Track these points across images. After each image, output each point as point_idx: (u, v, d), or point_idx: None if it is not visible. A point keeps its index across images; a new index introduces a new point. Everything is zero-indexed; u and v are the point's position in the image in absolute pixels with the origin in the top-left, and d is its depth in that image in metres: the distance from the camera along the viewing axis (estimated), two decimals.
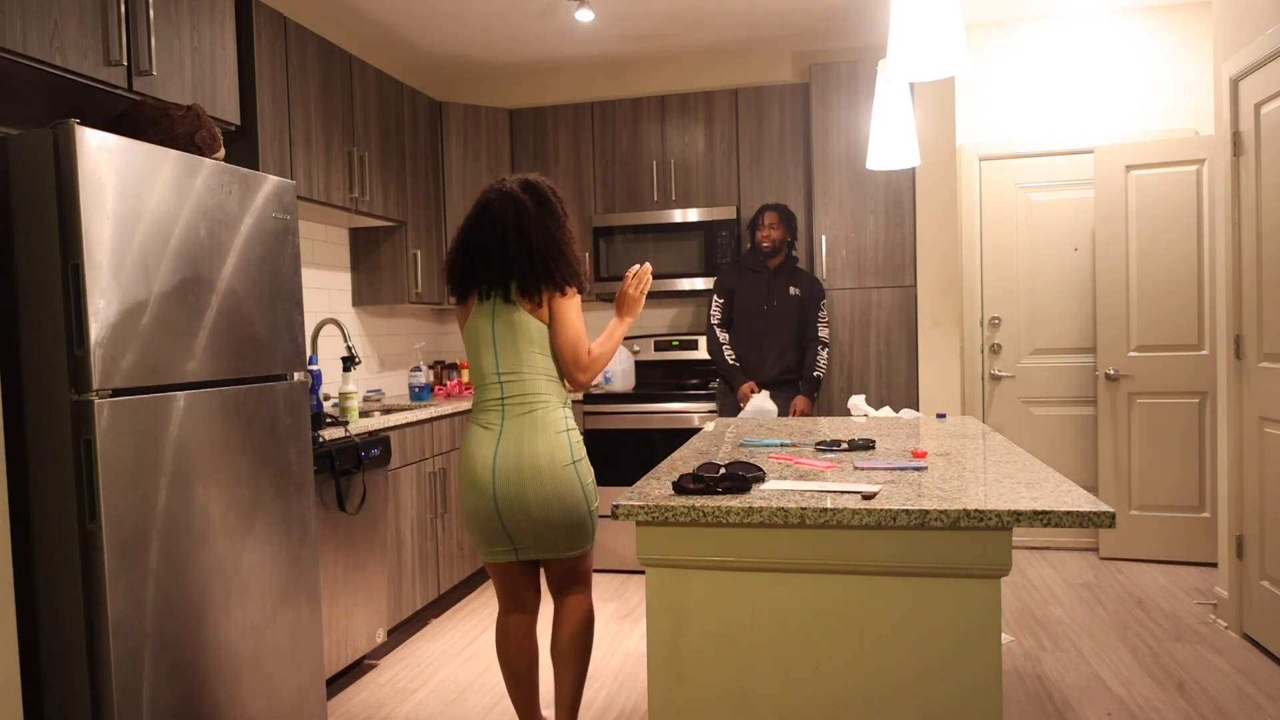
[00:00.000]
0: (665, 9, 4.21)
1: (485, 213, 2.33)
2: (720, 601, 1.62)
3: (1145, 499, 4.40)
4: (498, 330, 2.30)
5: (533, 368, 2.28)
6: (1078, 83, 4.57)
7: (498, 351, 2.30)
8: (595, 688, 3.08)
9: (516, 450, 2.23)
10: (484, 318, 2.32)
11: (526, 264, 2.26)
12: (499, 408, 2.28)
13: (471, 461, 2.28)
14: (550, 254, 2.28)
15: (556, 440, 2.25)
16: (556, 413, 2.29)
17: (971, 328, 4.77)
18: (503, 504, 2.24)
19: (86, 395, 1.93)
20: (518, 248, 2.27)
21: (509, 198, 2.32)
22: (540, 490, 2.22)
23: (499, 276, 2.29)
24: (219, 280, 2.31)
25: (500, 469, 2.23)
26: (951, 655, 1.54)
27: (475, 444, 2.29)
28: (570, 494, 2.25)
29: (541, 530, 2.25)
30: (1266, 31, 3.11)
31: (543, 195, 2.35)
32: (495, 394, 2.29)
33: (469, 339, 2.36)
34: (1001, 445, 2.28)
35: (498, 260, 2.29)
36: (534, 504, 2.22)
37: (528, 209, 2.30)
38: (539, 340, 2.29)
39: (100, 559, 1.94)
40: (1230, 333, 3.42)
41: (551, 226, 2.32)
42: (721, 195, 4.67)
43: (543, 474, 2.22)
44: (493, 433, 2.27)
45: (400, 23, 4.30)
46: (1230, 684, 2.92)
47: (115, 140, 2.00)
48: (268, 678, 2.44)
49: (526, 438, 2.24)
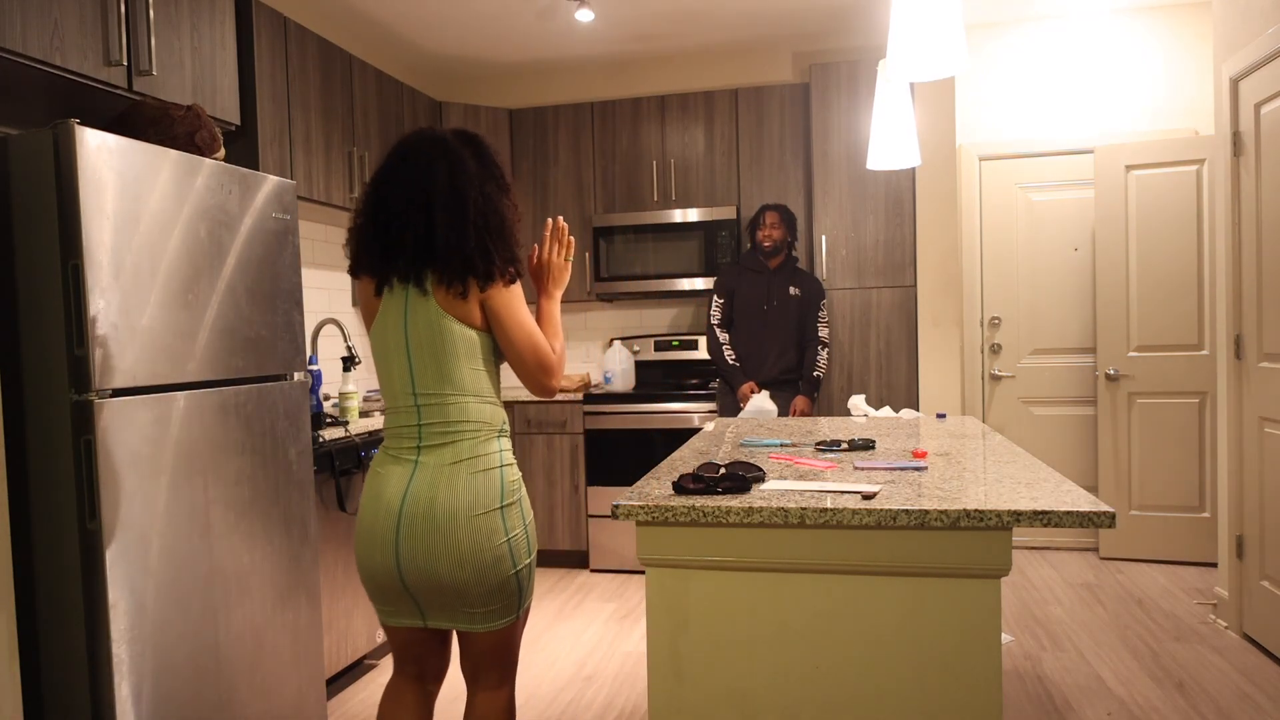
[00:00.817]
0: (665, 9, 4.21)
1: (405, 164, 1.75)
2: (720, 601, 1.62)
3: (1145, 499, 4.40)
4: (412, 334, 1.72)
5: (459, 387, 1.73)
6: (1077, 83, 4.57)
7: (413, 364, 1.73)
8: (595, 688, 3.09)
9: (430, 493, 1.70)
10: (393, 314, 1.75)
11: (456, 242, 1.68)
12: (414, 439, 1.73)
13: (373, 503, 1.75)
14: (490, 230, 1.72)
15: (484, 481, 1.72)
16: (489, 445, 1.75)
17: (971, 328, 4.77)
18: (406, 561, 1.71)
19: (86, 395, 1.93)
20: (448, 218, 1.69)
21: (441, 147, 1.74)
22: (453, 544, 1.69)
23: (414, 257, 1.71)
24: (219, 280, 2.31)
25: (408, 515, 1.70)
26: (951, 655, 1.54)
27: (381, 480, 1.75)
28: (490, 549, 1.71)
29: (453, 596, 1.73)
30: (1266, 31, 3.11)
31: (484, 152, 1.81)
32: (409, 420, 1.74)
33: (375, 341, 1.79)
34: (1001, 445, 2.28)
35: (416, 234, 1.70)
36: (445, 562, 1.69)
37: (465, 166, 1.74)
38: (467, 350, 1.73)
39: (100, 559, 1.94)
40: (1230, 333, 3.42)
41: (493, 193, 1.77)
42: (721, 195, 4.67)
43: (459, 523, 1.69)
44: (404, 468, 1.73)
45: (400, 23, 4.30)
46: (1230, 684, 2.92)
47: (115, 140, 2.00)
48: (268, 678, 2.44)
49: (445, 477, 1.70)
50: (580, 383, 4.73)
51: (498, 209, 1.75)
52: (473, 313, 1.73)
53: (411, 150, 1.76)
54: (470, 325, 1.73)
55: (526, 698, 3.02)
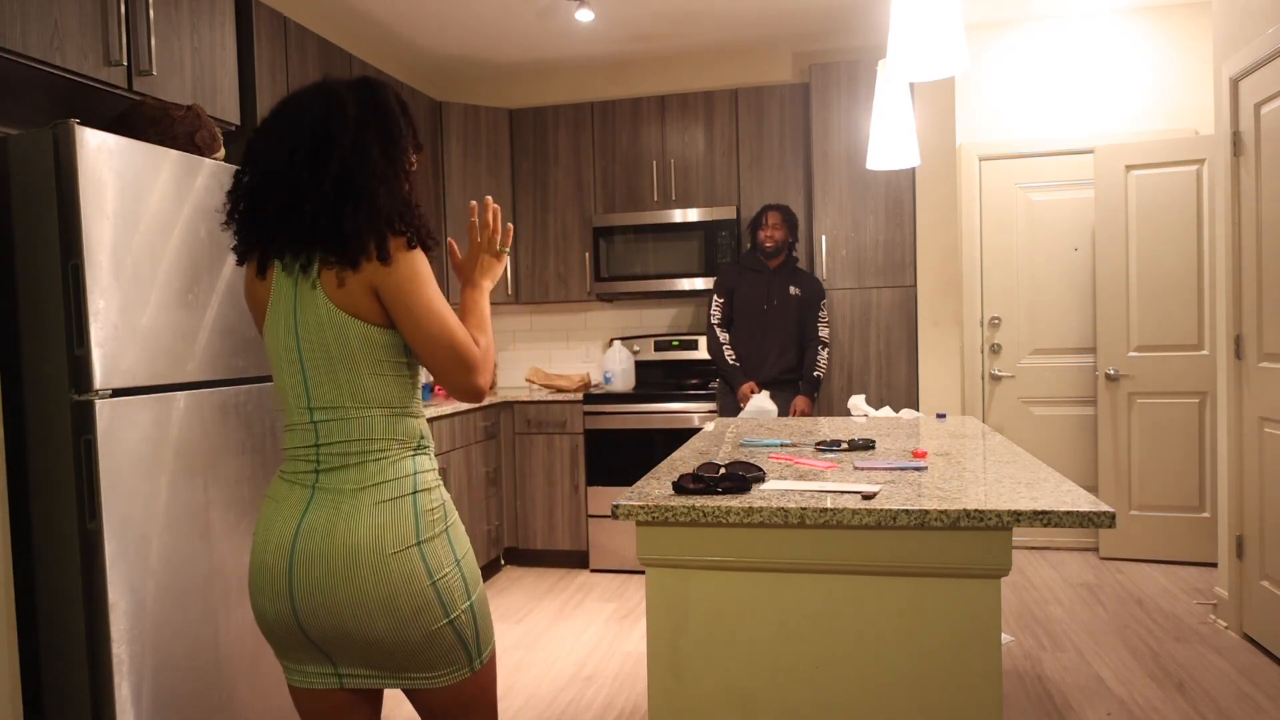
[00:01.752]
0: (665, 9, 4.21)
1: (281, 116, 1.44)
2: (720, 601, 1.62)
3: (1145, 499, 4.39)
4: (303, 336, 1.40)
5: (362, 399, 1.41)
6: (1078, 83, 4.57)
7: (306, 372, 1.41)
8: (595, 688, 3.08)
9: (329, 525, 1.37)
10: (284, 303, 1.42)
11: (310, 201, 1.36)
12: (311, 461, 1.42)
13: (263, 535, 1.43)
14: (358, 187, 1.37)
15: (393, 511, 1.38)
16: (400, 465, 1.42)
17: (971, 328, 4.77)
18: (304, 610, 1.38)
19: (86, 395, 1.93)
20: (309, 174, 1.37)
21: (323, 95, 1.43)
22: (358, 592, 1.36)
23: (294, 230, 1.38)
24: (219, 280, 2.31)
25: (301, 553, 1.37)
26: (951, 655, 1.54)
27: (272, 510, 1.43)
28: (408, 596, 1.37)
29: (366, 647, 1.39)
30: (1266, 31, 3.11)
31: (379, 98, 1.46)
32: (305, 439, 1.42)
33: (268, 338, 1.47)
34: (1001, 445, 2.28)
35: (290, 199, 1.38)
36: (351, 614, 1.36)
37: (343, 111, 1.40)
38: (368, 353, 1.40)
39: (100, 559, 1.94)
40: (1230, 333, 3.42)
41: (372, 141, 1.41)
42: (721, 195, 4.67)
43: (361, 564, 1.35)
44: (300, 494, 1.41)
45: (400, 23, 4.30)
46: (1230, 684, 2.92)
47: (115, 140, 2.00)
48: (268, 678, 2.44)
49: (347, 507, 1.38)
50: (580, 383, 4.73)
51: (370, 161, 1.39)
52: (368, 305, 1.38)
53: (288, 100, 1.46)
54: (370, 321, 1.38)
55: (526, 698, 3.02)
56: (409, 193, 1.46)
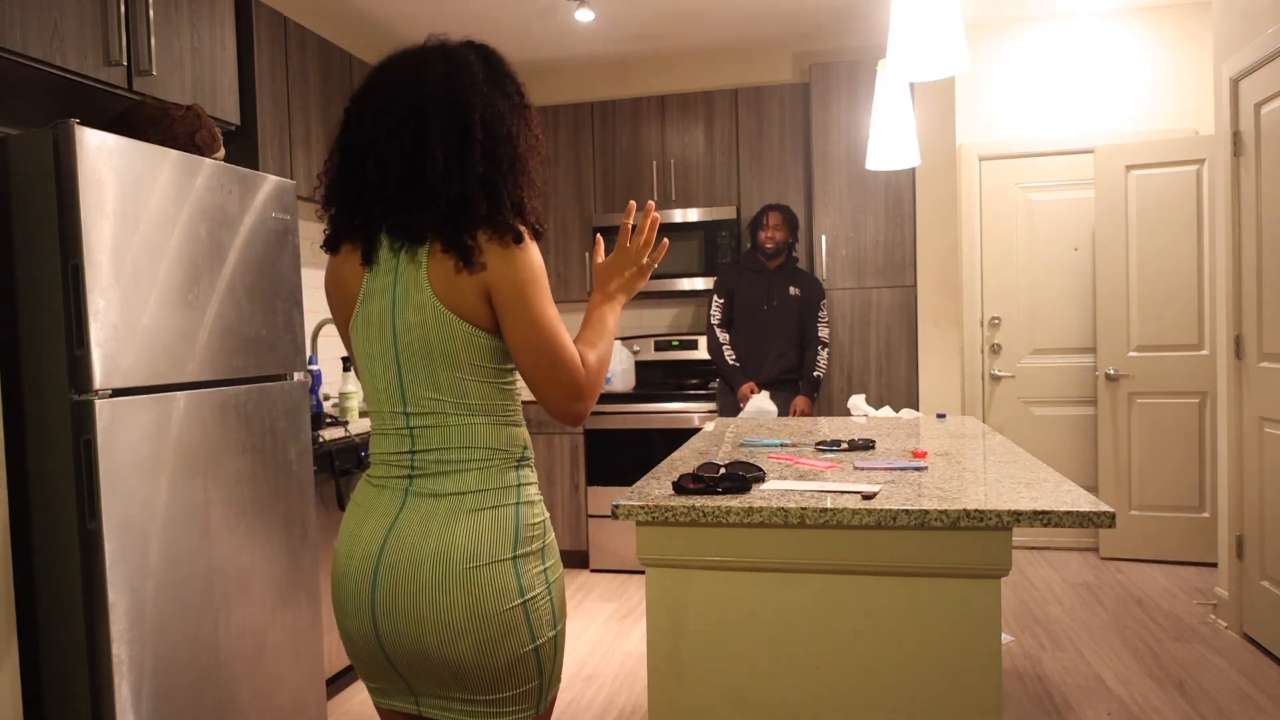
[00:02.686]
0: (665, 9, 4.21)
1: (388, 76, 1.28)
2: (720, 601, 1.62)
3: (1145, 499, 4.39)
4: (401, 330, 1.27)
5: (465, 404, 1.29)
6: (1078, 83, 4.57)
7: (402, 371, 1.29)
8: (595, 688, 3.08)
9: (422, 534, 1.26)
10: (377, 301, 1.29)
11: (449, 174, 1.22)
12: (405, 468, 1.31)
13: (348, 545, 1.32)
14: (501, 163, 1.25)
15: (492, 520, 1.27)
16: (504, 475, 1.30)
17: (971, 328, 4.77)
18: (385, 627, 1.27)
19: (86, 395, 1.93)
20: (444, 140, 1.22)
21: (439, 51, 1.29)
22: (445, 607, 1.24)
23: (401, 206, 1.24)
24: (219, 280, 2.31)
25: (388, 564, 1.26)
26: (951, 655, 1.54)
27: (360, 515, 1.32)
28: (498, 614, 1.25)
29: (447, 678, 1.28)
30: (1266, 31, 3.11)
31: (498, 63, 1.32)
32: (400, 446, 1.31)
33: (356, 339, 1.34)
34: (1001, 445, 2.28)
35: (399, 171, 1.24)
36: (434, 633, 1.24)
37: (471, 72, 1.26)
38: (472, 354, 1.27)
39: (100, 559, 1.94)
40: (1230, 333, 3.42)
41: (507, 113, 1.28)
42: (721, 195, 4.67)
43: (454, 576, 1.24)
44: (390, 499, 1.30)
45: (400, 23, 4.30)
46: (1230, 684, 2.92)
47: (115, 140, 2.00)
48: (268, 678, 2.44)
49: (444, 517, 1.26)
50: None
51: (510, 132, 1.27)
52: (476, 304, 1.24)
53: (392, 61, 1.29)
54: (477, 325, 1.26)
55: None
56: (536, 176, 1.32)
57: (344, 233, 1.32)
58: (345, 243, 1.33)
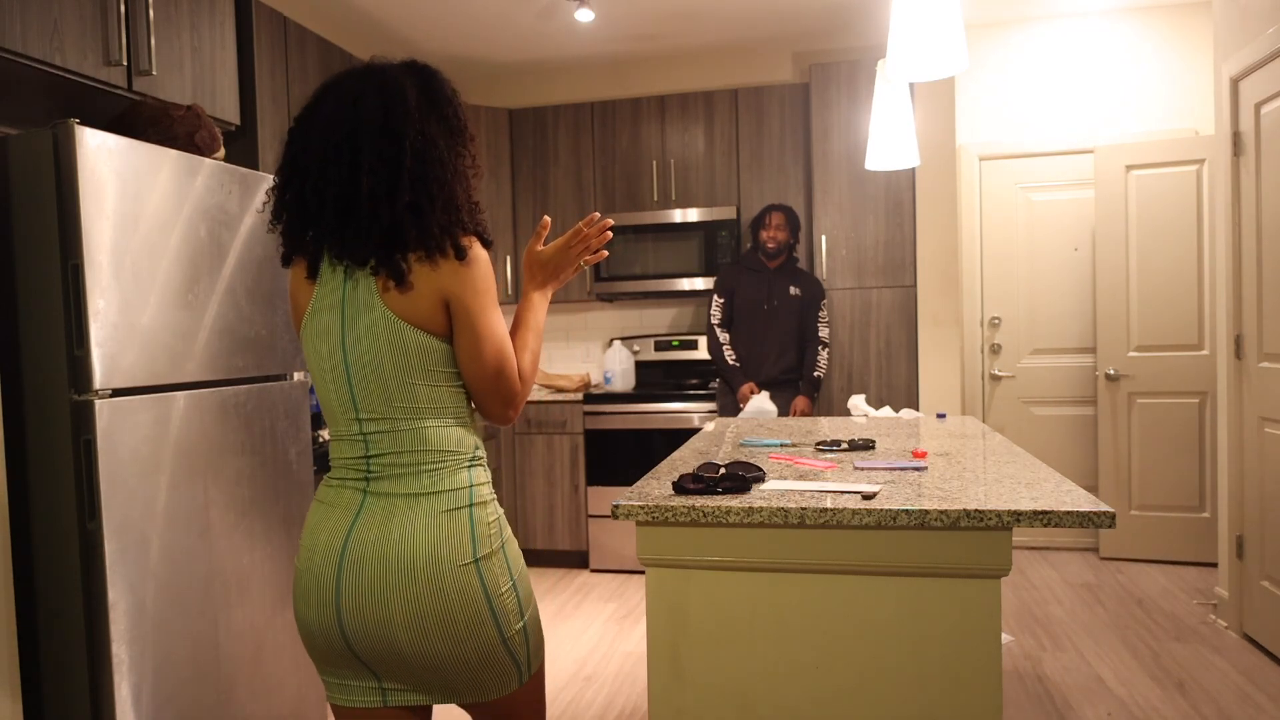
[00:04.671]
0: (665, 9, 4.21)
1: (327, 98, 1.34)
2: (720, 601, 1.62)
3: (1145, 499, 4.39)
4: (350, 340, 1.33)
5: (415, 409, 1.34)
6: (1078, 83, 4.57)
7: (352, 380, 1.34)
8: (595, 688, 3.08)
9: (381, 536, 1.31)
10: (328, 308, 1.35)
11: (382, 201, 1.28)
12: (360, 472, 1.36)
13: (310, 540, 1.37)
14: (429, 188, 1.30)
15: (450, 524, 1.33)
16: (456, 476, 1.36)
17: (971, 328, 4.77)
18: (351, 622, 1.32)
19: (86, 395, 1.93)
20: (375, 166, 1.28)
21: (376, 77, 1.34)
22: (413, 607, 1.30)
23: (338, 220, 1.31)
24: (219, 280, 2.31)
25: (351, 560, 1.31)
26: (951, 655, 1.54)
27: (321, 514, 1.38)
28: (464, 615, 1.32)
29: (416, 666, 1.34)
30: (1266, 31, 3.11)
31: (435, 86, 1.38)
32: (355, 451, 1.36)
33: (308, 345, 1.39)
34: (1001, 445, 2.28)
35: (336, 190, 1.30)
36: (404, 630, 1.31)
37: (404, 98, 1.32)
38: (422, 360, 1.33)
39: (100, 559, 1.94)
40: (1230, 333, 3.42)
41: (438, 135, 1.33)
42: (721, 195, 4.67)
43: (419, 578, 1.30)
44: (350, 497, 1.36)
45: (400, 23, 4.30)
46: (1230, 684, 2.92)
47: (115, 140, 2.00)
48: (268, 678, 2.44)
49: (400, 518, 1.32)
50: (580, 383, 4.73)
51: (440, 157, 1.32)
52: (433, 313, 1.31)
53: (333, 85, 1.35)
54: (429, 330, 1.32)
55: None
56: (471, 192, 1.39)
57: (292, 249, 1.39)
58: (295, 257, 1.40)
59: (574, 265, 1.54)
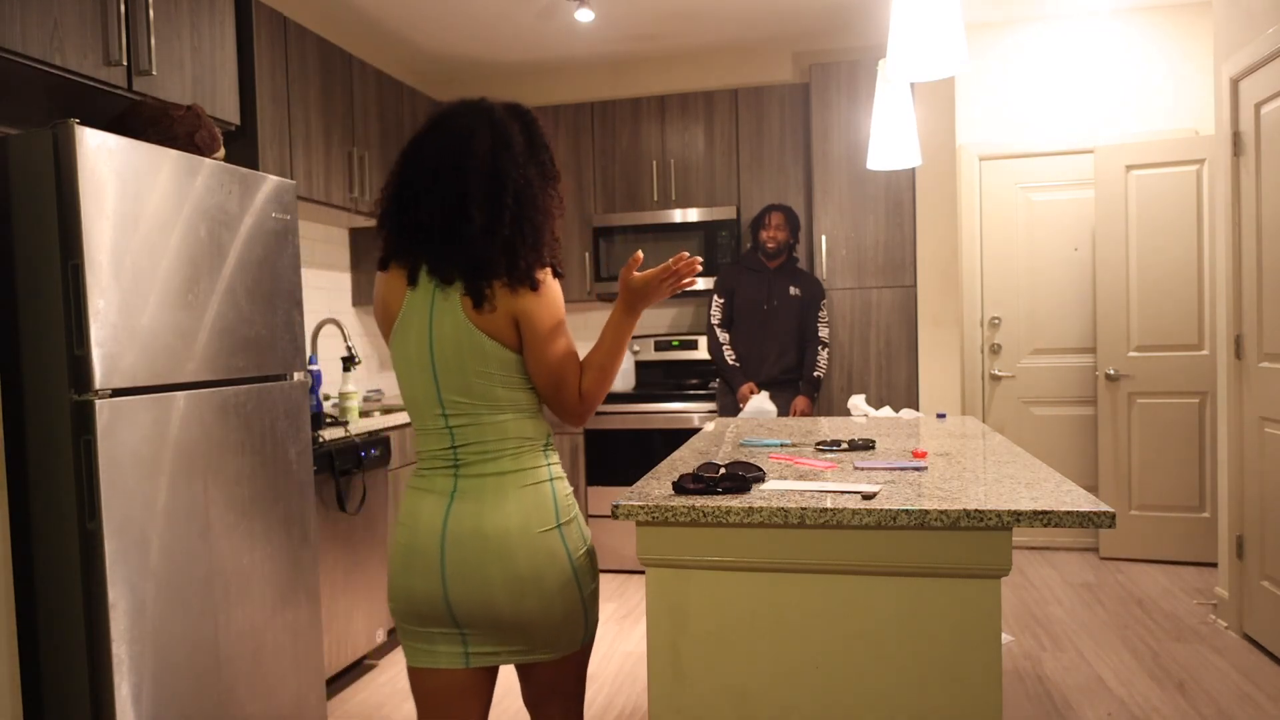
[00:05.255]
0: (665, 9, 4.21)
1: (440, 132, 1.51)
2: (720, 601, 1.62)
3: (1145, 499, 4.39)
4: (438, 348, 1.50)
5: (494, 404, 1.52)
6: (1078, 83, 4.57)
7: (438, 379, 1.51)
8: (595, 688, 3.08)
9: (476, 513, 1.50)
10: (417, 315, 1.52)
11: (483, 233, 1.46)
12: (449, 460, 1.53)
13: (411, 521, 1.55)
14: (521, 227, 1.48)
15: (535, 495, 1.53)
16: (535, 457, 1.55)
17: (971, 328, 4.77)
18: (455, 588, 1.50)
19: (86, 395, 1.93)
20: (482, 202, 1.46)
21: (485, 117, 1.51)
22: (512, 570, 1.49)
23: (439, 246, 1.48)
24: (219, 280, 2.31)
25: (453, 534, 1.50)
26: (951, 655, 1.53)
27: (419, 498, 1.55)
28: (555, 573, 1.52)
29: (511, 631, 1.53)
30: (1266, 31, 3.11)
31: (535, 131, 1.56)
32: (441, 442, 1.53)
33: (397, 347, 1.55)
34: (1002, 445, 2.28)
35: (443, 216, 1.47)
36: (503, 591, 1.49)
37: (511, 142, 1.50)
38: (500, 366, 1.51)
39: (100, 559, 1.94)
40: (1230, 333, 3.42)
41: (535, 179, 1.52)
42: (721, 195, 4.67)
43: (513, 543, 1.49)
44: (444, 482, 1.54)
45: (400, 23, 4.30)
46: (1230, 684, 2.92)
47: (115, 140, 2.00)
48: (268, 678, 2.44)
49: (491, 495, 1.51)
50: None
51: (536, 200, 1.50)
52: (507, 330, 1.49)
53: (449, 117, 1.52)
54: (504, 344, 1.50)
55: None
56: (555, 230, 1.56)
57: (393, 255, 1.55)
58: (394, 263, 1.55)
59: (663, 293, 1.64)
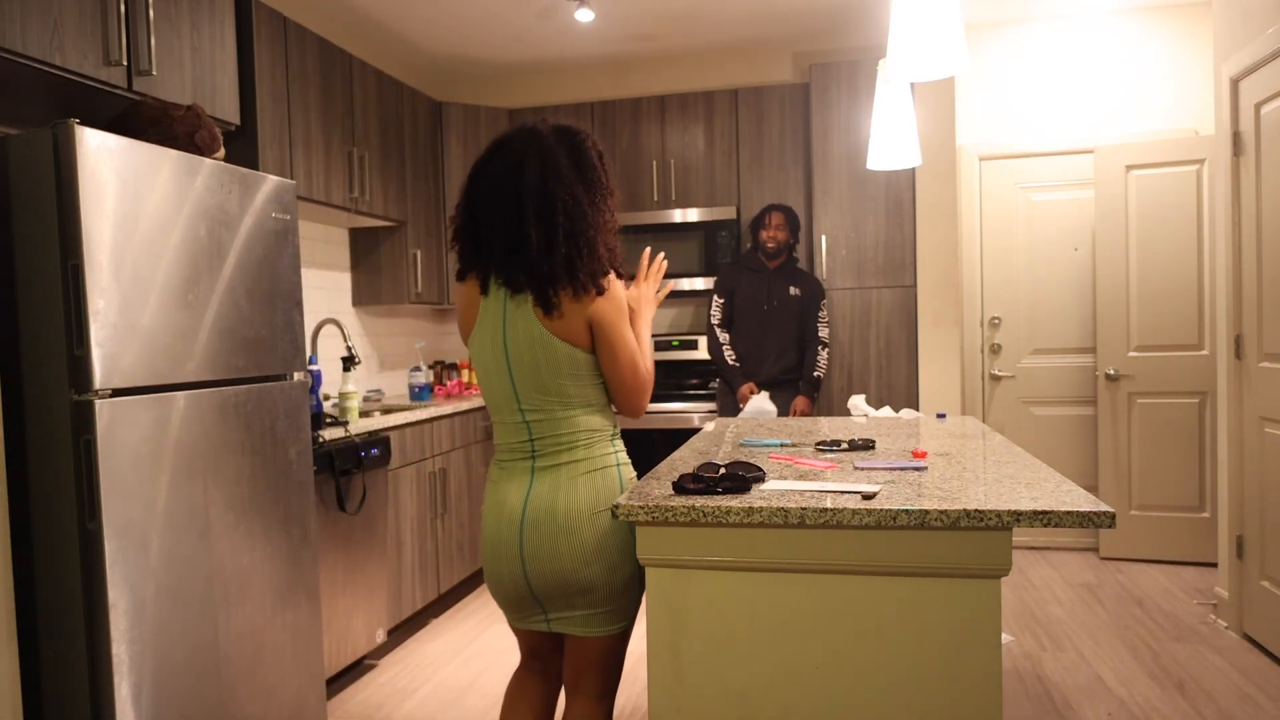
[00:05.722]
0: (665, 9, 4.21)
1: (497, 156, 1.71)
2: (720, 601, 1.62)
3: (1145, 499, 4.39)
4: (512, 347, 1.70)
5: (567, 401, 1.71)
6: (1078, 83, 4.57)
7: (514, 379, 1.71)
8: None
9: (552, 496, 1.70)
10: (491, 319, 1.72)
11: (542, 251, 1.64)
12: (527, 451, 1.74)
13: (495, 511, 1.76)
14: (576, 242, 1.65)
15: (602, 479, 1.72)
16: (603, 446, 1.75)
17: (971, 328, 4.77)
18: (531, 564, 1.71)
19: (86, 395, 1.93)
20: (538, 223, 1.64)
21: (535, 141, 1.69)
22: (579, 542, 1.68)
23: (504, 258, 1.68)
24: (219, 280, 2.31)
25: (530, 520, 1.70)
26: (951, 655, 1.53)
27: (501, 490, 1.76)
28: (617, 544, 1.71)
29: (577, 595, 1.72)
30: (1266, 31, 3.11)
31: (583, 152, 1.72)
32: (520, 435, 1.74)
33: (475, 349, 1.77)
34: (1002, 445, 2.28)
35: (506, 235, 1.67)
36: (571, 560, 1.68)
37: (558, 165, 1.67)
38: (570, 366, 1.69)
39: (100, 559, 1.94)
40: (1230, 333, 3.42)
41: (582, 196, 1.68)
42: (721, 195, 4.67)
43: (582, 521, 1.69)
44: (522, 475, 1.74)
45: (400, 23, 4.30)
46: (1230, 684, 2.92)
47: (115, 140, 2.00)
48: (267, 678, 2.44)
49: (565, 481, 1.70)
50: None
51: (585, 214, 1.67)
52: (578, 332, 1.67)
53: (503, 144, 1.72)
54: (576, 345, 1.68)
55: None
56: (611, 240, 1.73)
57: (467, 268, 1.75)
58: (469, 274, 1.75)
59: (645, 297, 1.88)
